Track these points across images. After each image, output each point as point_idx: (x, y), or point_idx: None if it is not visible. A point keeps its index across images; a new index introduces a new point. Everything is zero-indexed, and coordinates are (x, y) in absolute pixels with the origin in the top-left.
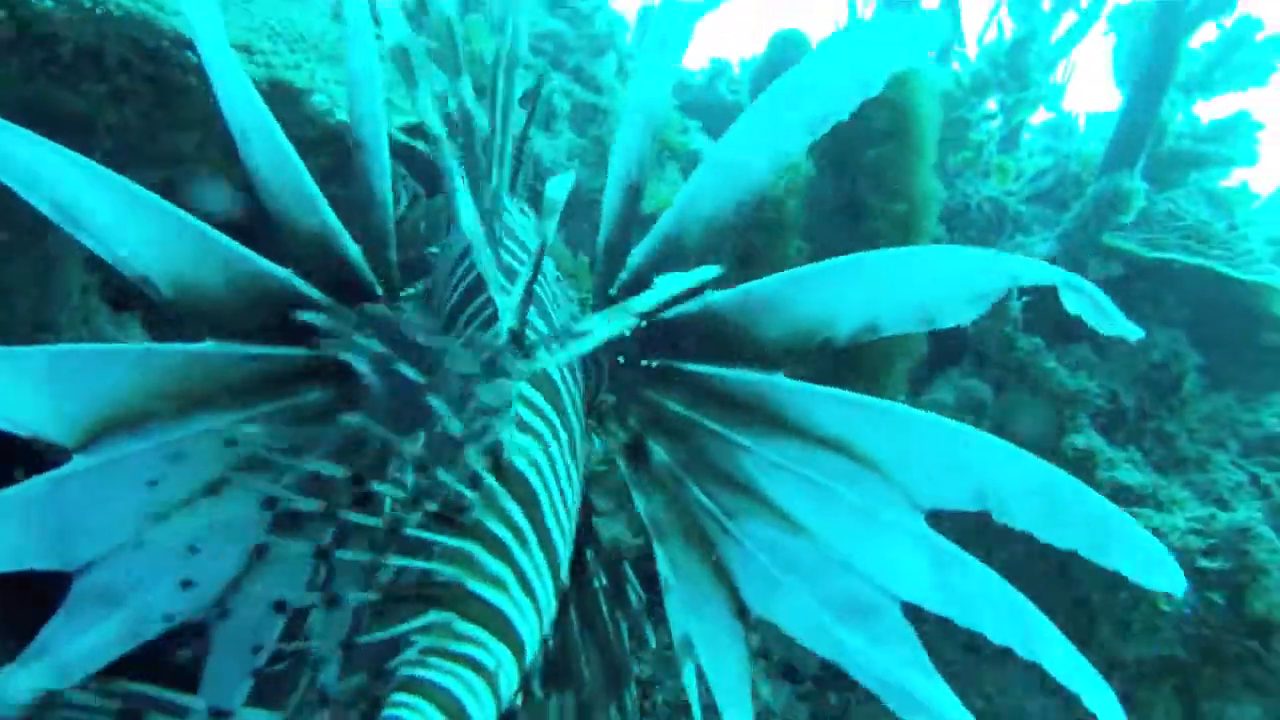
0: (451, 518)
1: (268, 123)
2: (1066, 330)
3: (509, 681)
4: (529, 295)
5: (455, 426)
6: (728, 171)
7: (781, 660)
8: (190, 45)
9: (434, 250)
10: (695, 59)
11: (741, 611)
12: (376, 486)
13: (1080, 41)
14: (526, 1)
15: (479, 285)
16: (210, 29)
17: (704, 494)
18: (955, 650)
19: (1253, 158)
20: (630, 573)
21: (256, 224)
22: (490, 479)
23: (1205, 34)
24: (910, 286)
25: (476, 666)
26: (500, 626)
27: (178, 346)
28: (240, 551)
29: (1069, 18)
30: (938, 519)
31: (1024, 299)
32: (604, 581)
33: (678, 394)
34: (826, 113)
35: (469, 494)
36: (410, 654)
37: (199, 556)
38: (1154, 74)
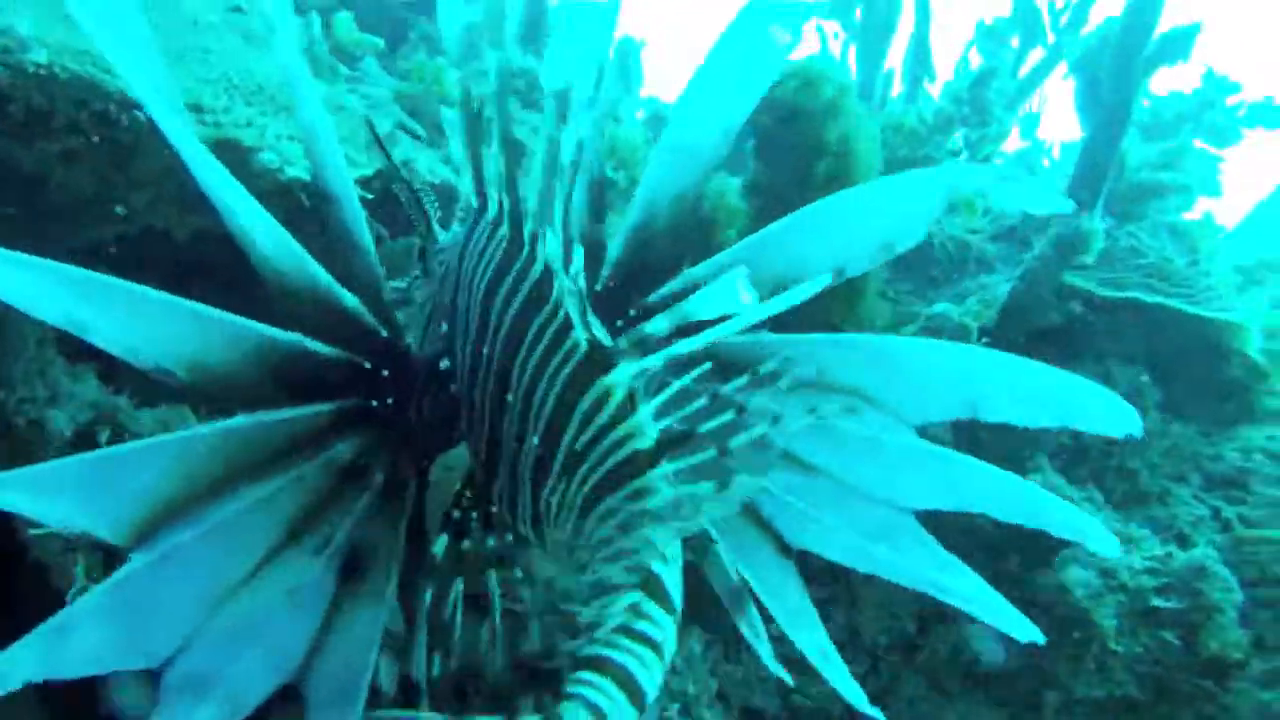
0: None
1: (239, 193)
2: None
3: (669, 650)
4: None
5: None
6: (681, 153)
7: (742, 706)
8: (138, 105)
9: (401, 285)
10: (671, 95)
11: (785, 549)
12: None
13: (1047, 77)
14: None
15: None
16: (164, 113)
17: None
18: (921, 687)
19: (1215, 188)
20: None
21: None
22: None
23: (1180, 83)
24: (863, 222)
25: (651, 643)
26: (667, 600)
27: (209, 428)
28: (315, 607)
29: (1036, 54)
30: None
31: (984, 339)
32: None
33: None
34: (759, 79)
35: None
36: (601, 633)
37: (277, 622)
38: (1113, 115)
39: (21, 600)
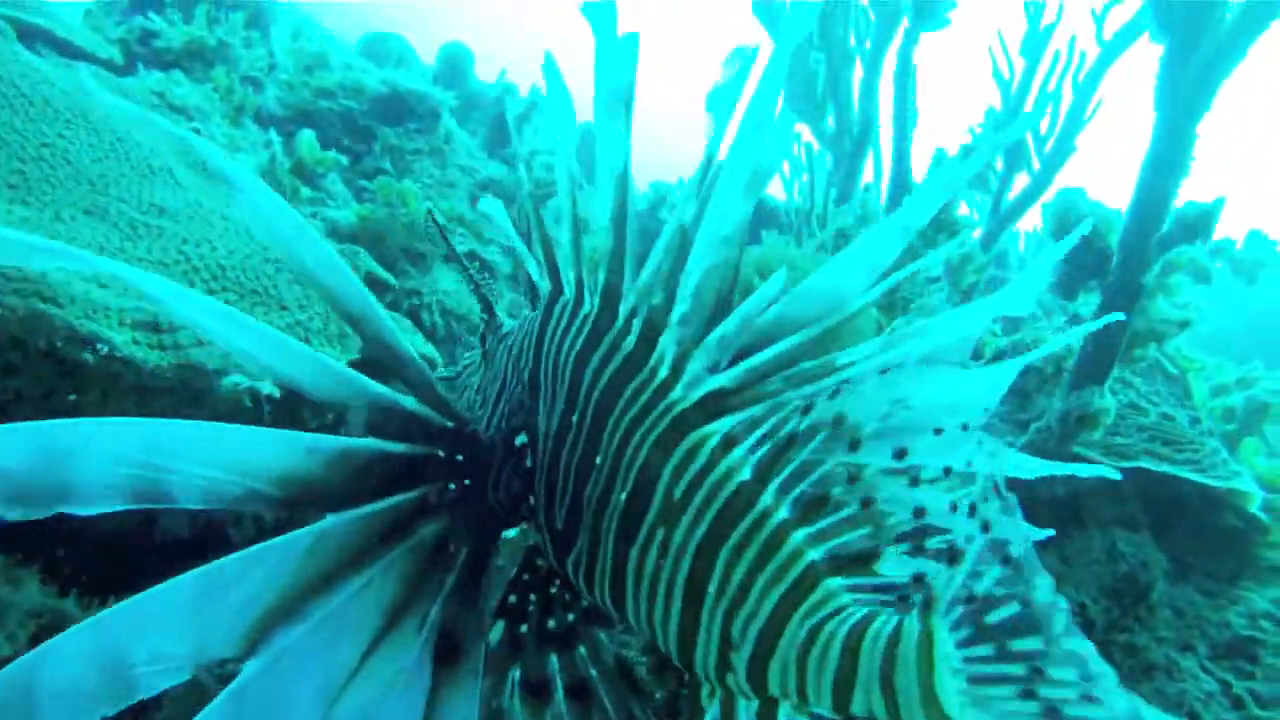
0: None
1: (280, 344)
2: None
3: None
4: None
5: None
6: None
7: None
8: (88, 340)
9: (449, 374)
10: (637, 184)
11: None
12: None
13: (1034, 204)
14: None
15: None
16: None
17: None
18: None
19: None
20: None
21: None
22: None
23: None
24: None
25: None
26: None
27: (304, 532)
28: (418, 690)
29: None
30: None
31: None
32: (595, 671)
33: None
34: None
35: None
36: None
37: (386, 711)
38: (1123, 293)
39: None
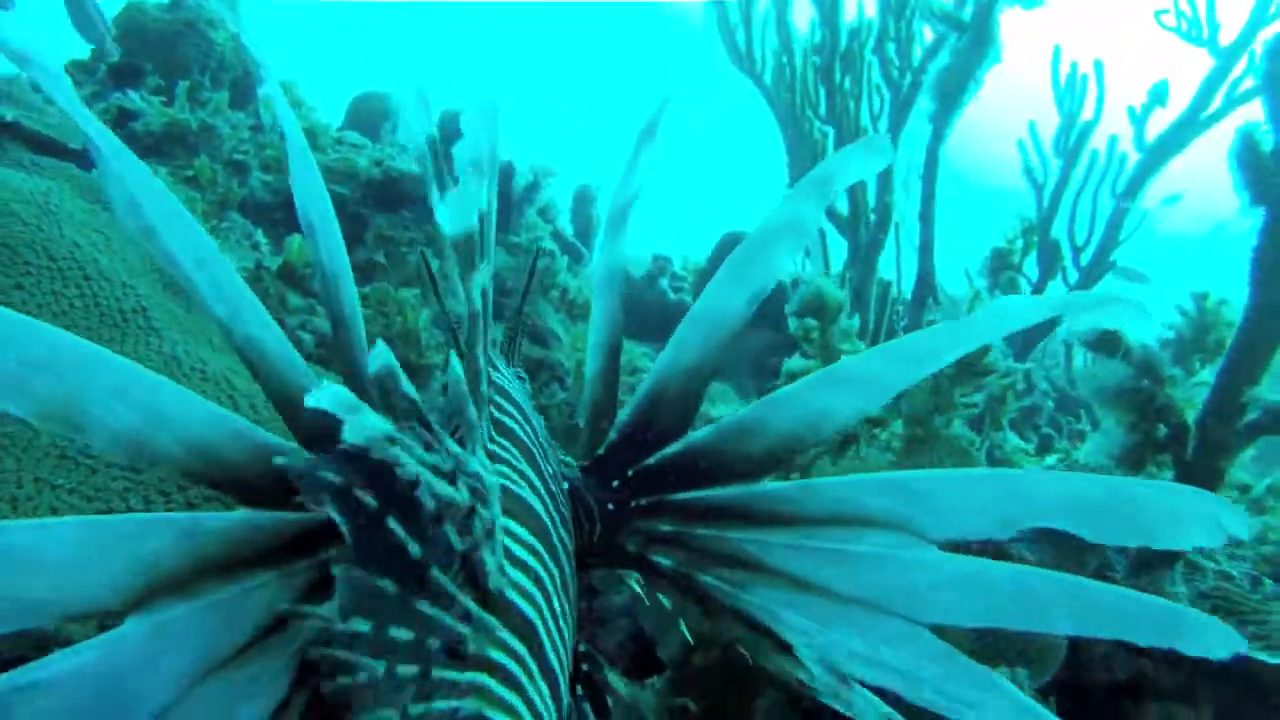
0: (455, 651)
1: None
2: None
3: None
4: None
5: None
6: (708, 321)
7: None
8: None
9: None
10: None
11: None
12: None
13: None
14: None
15: None
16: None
17: (711, 578)
18: None
19: None
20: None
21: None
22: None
23: None
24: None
25: None
26: None
27: (220, 516)
28: (269, 698)
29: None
30: None
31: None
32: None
33: (668, 518)
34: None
35: (463, 629)
36: None
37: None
38: (1200, 479)
39: None
